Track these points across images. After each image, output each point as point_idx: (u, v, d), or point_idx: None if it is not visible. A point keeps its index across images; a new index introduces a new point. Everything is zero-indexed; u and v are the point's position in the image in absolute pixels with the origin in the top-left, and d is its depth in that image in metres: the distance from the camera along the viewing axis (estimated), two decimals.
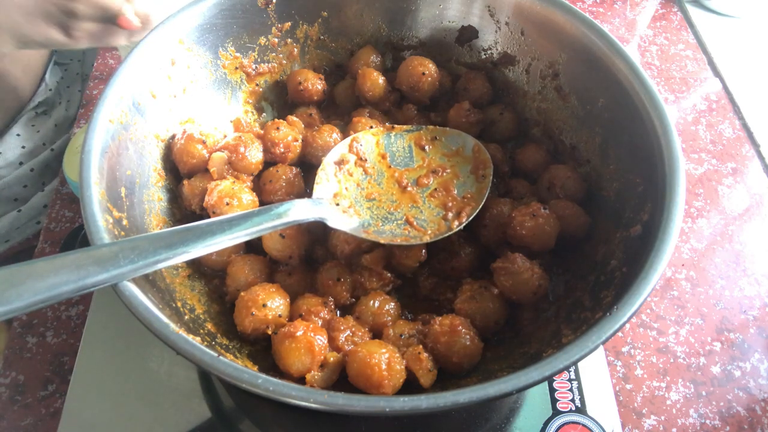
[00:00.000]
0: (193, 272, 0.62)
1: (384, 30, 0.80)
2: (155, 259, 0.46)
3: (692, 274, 0.80)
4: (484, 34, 0.77)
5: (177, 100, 0.66)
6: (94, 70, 0.98)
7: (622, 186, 0.62)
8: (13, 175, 0.90)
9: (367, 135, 0.69)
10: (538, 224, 0.60)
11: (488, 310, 0.58)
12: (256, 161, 0.67)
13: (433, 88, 0.76)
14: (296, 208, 0.56)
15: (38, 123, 0.95)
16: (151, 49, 0.62)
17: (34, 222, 0.92)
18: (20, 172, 0.91)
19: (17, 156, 0.91)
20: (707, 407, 0.68)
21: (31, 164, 0.91)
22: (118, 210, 0.53)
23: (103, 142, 0.54)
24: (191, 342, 0.44)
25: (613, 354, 0.71)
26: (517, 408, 0.63)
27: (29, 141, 0.92)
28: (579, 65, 0.67)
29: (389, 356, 0.51)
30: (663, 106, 0.57)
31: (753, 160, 0.95)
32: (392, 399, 0.41)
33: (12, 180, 0.90)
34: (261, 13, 0.72)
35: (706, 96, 1.04)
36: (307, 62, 0.80)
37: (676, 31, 1.16)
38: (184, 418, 0.61)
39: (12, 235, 0.91)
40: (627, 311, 0.45)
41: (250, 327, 0.55)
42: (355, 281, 0.62)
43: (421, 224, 0.63)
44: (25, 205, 0.90)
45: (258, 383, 0.41)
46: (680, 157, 0.54)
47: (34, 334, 0.69)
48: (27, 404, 0.64)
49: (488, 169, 0.66)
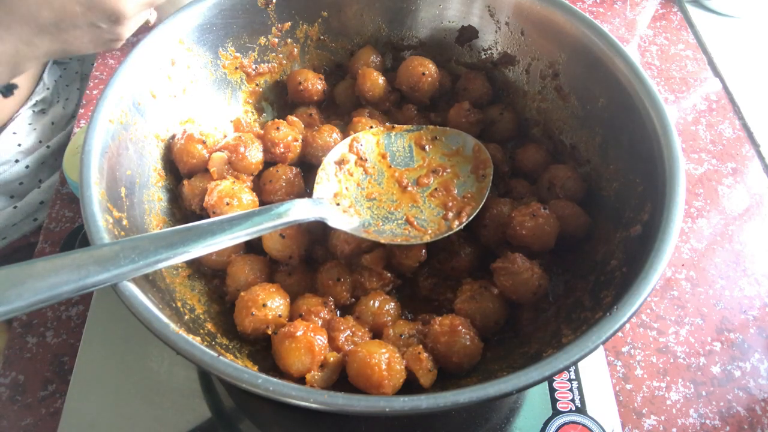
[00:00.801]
0: (193, 272, 0.62)
1: (384, 30, 0.80)
2: (156, 258, 0.46)
3: (692, 274, 0.80)
4: (484, 34, 0.77)
5: (177, 100, 0.66)
6: (94, 70, 0.98)
7: (622, 186, 0.62)
8: (9, 172, 0.90)
9: (367, 135, 0.69)
10: (538, 224, 0.60)
11: (488, 310, 0.58)
12: (256, 161, 0.67)
13: (433, 88, 0.76)
14: (297, 208, 0.56)
15: (35, 121, 0.94)
16: (151, 49, 0.62)
17: (30, 219, 0.92)
18: (16, 169, 0.91)
19: (13, 154, 0.91)
20: (707, 407, 0.68)
21: (27, 161, 0.91)
22: (118, 210, 0.53)
23: (103, 142, 0.54)
24: (191, 342, 0.44)
25: (613, 354, 0.71)
26: (517, 408, 0.63)
27: (26, 139, 0.92)
28: (579, 65, 0.67)
29: (389, 356, 0.51)
30: (663, 106, 0.57)
31: (753, 160, 0.95)
32: (392, 399, 0.41)
33: (8, 177, 0.90)
34: (261, 13, 0.72)
35: (706, 96, 1.04)
36: (307, 62, 0.80)
37: (676, 31, 1.16)
38: (184, 418, 0.61)
39: (8, 232, 0.91)
40: (627, 311, 0.45)
41: (250, 327, 0.55)
42: (355, 281, 0.62)
43: (421, 224, 0.63)
44: (20, 202, 0.91)
45: (258, 383, 0.41)
46: (680, 157, 0.54)
47: (34, 334, 0.69)
48: (27, 404, 0.64)
49: (488, 169, 0.66)
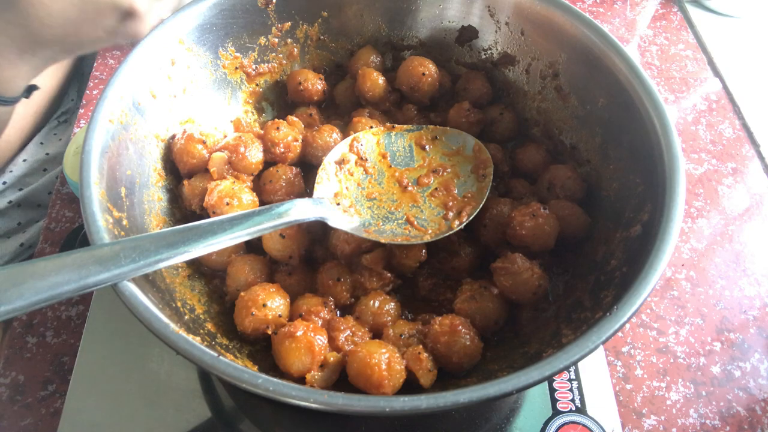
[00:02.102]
0: (193, 272, 0.62)
1: (384, 30, 0.80)
2: (157, 258, 0.46)
3: (692, 274, 0.80)
4: (484, 34, 0.77)
5: (177, 100, 0.66)
6: (94, 70, 0.98)
7: (622, 186, 0.62)
8: (39, 182, 0.91)
9: (367, 135, 0.69)
10: (538, 224, 0.60)
11: (488, 310, 0.58)
12: (256, 161, 0.67)
13: (433, 88, 0.76)
14: (297, 208, 0.56)
15: (60, 131, 0.96)
16: (151, 49, 0.62)
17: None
18: (46, 180, 0.92)
19: (41, 163, 0.92)
20: (707, 407, 0.68)
21: (56, 171, 0.92)
22: (118, 210, 0.53)
23: (103, 142, 0.54)
24: (191, 342, 0.44)
25: (613, 354, 0.71)
26: (517, 408, 0.63)
27: (52, 148, 0.94)
28: (579, 65, 0.67)
29: (389, 356, 0.51)
30: (663, 106, 0.57)
31: (753, 160, 0.95)
32: (392, 399, 0.41)
33: (38, 186, 0.91)
34: (261, 13, 0.72)
35: (706, 96, 1.04)
36: (307, 62, 0.80)
37: (676, 31, 1.16)
38: (184, 418, 0.61)
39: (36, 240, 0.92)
40: (627, 311, 0.45)
41: (250, 327, 0.55)
42: (355, 281, 0.62)
43: (421, 224, 0.63)
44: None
45: (258, 383, 0.42)
46: (680, 157, 0.54)
47: (34, 334, 0.69)
48: (27, 404, 0.64)
49: (489, 169, 0.66)
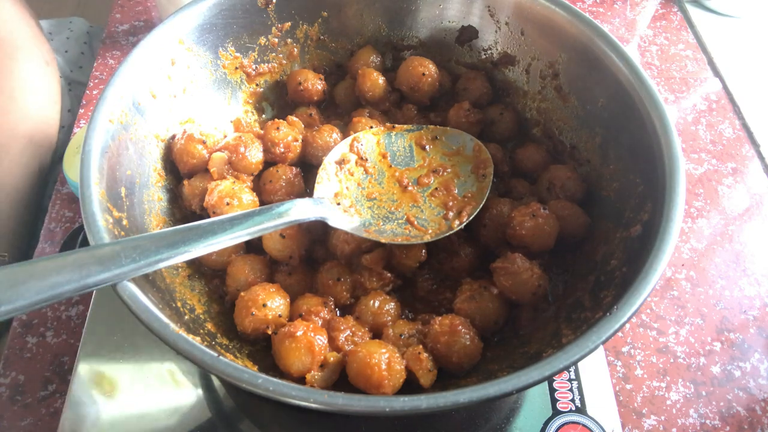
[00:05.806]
0: (193, 272, 0.62)
1: (384, 30, 0.80)
2: (157, 258, 0.46)
3: (692, 274, 0.80)
4: (484, 34, 0.77)
5: (177, 100, 0.66)
6: (94, 70, 0.98)
7: (622, 186, 0.62)
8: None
9: (367, 134, 0.69)
10: (538, 224, 0.60)
11: (488, 310, 0.58)
12: (256, 161, 0.66)
13: (433, 88, 0.76)
14: (297, 208, 0.56)
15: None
16: (151, 49, 0.62)
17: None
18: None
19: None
20: (707, 407, 0.68)
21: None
22: (118, 210, 0.53)
23: (103, 142, 0.54)
24: (191, 342, 0.44)
25: (613, 354, 0.71)
26: (517, 408, 0.63)
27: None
28: (579, 65, 0.67)
29: (389, 356, 0.51)
30: (663, 106, 0.57)
31: (753, 160, 0.95)
32: (392, 399, 0.41)
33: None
34: (261, 13, 0.72)
35: (706, 96, 1.04)
36: (307, 62, 0.80)
37: (676, 31, 1.16)
38: (184, 418, 0.61)
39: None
40: (627, 311, 0.45)
41: (250, 327, 0.55)
42: (355, 281, 0.62)
43: (421, 223, 0.63)
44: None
45: (258, 383, 0.41)
46: (680, 157, 0.54)
47: (34, 334, 0.69)
48: (27, 404, 0.64)
49: (489, 169, 0.66)
